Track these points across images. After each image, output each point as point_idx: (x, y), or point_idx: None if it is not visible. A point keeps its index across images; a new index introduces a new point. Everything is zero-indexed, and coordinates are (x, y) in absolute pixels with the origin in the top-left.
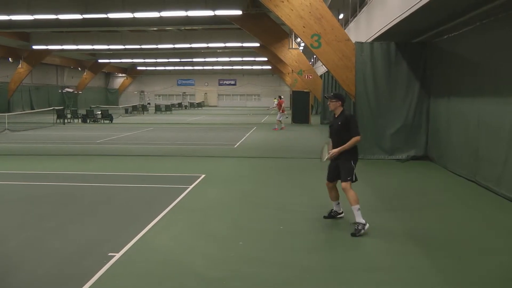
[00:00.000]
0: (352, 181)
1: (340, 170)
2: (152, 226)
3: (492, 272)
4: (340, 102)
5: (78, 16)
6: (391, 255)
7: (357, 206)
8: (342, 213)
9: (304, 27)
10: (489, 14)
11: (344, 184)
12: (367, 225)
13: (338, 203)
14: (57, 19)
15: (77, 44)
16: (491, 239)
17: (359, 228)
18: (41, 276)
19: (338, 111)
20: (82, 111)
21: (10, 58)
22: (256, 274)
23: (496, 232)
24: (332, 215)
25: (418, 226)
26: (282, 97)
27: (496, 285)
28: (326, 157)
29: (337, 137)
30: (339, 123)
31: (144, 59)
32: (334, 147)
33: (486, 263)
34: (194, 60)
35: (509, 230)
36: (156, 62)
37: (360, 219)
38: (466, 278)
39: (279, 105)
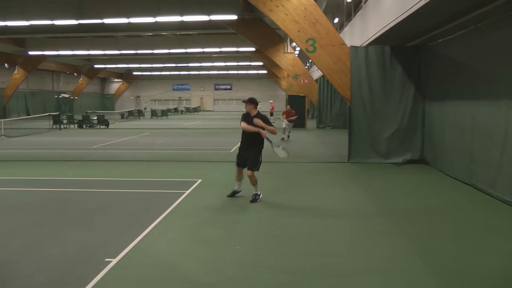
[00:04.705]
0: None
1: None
2: (149, 231)
3: (492, 274)
4: (253, 105)
5: (73, 22)
6: (386, 259)
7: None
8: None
9: (299, 31)
10: (482, 18)
11: (249, 172)
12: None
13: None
14: (52, 24)
15: (72, 50)
16: (488, 241)
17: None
18: (37, 282)
19: (253, 113)
20: (78, 117)
21: (5, 64)
22: (251, 279)
23: (492, 234)
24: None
25: (413, 229)
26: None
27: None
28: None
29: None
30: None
31: (139, 64)
32: (249, 139)
33: (484, 265)
34: (190, 65)
35: (505, 232)
36: (152, 67)
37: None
38: (463, 279)
39: (287, 113)
